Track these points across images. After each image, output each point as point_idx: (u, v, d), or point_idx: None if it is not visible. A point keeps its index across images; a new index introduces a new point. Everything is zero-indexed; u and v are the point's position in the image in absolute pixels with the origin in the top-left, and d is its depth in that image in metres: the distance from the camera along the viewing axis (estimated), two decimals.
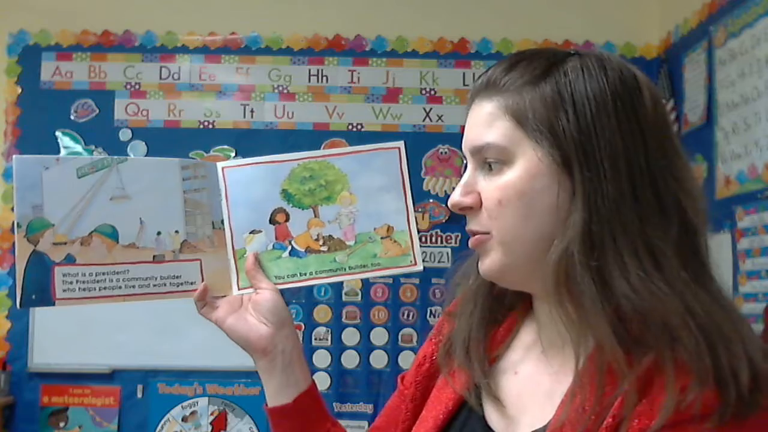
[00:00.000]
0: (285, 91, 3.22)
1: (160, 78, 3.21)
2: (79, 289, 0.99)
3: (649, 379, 0.70)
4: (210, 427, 3.07)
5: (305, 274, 1.04)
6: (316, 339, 3.12)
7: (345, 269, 1.04)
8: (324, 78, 3.23)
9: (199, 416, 3.08)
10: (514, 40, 3.23)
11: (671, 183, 0.76)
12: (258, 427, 3.06)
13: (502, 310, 0.89)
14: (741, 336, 0.71)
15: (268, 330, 0.99)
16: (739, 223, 2.48)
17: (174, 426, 3.08)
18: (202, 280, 1.03)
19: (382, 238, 1.03)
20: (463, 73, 3.23)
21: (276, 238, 1.04)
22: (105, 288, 1.00)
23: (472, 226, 0.81)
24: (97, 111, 3.18)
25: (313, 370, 3.09)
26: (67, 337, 3.00)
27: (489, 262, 0.80)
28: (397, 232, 1.03)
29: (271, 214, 1.04)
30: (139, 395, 3.08)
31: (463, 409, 0.86)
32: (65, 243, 0.99)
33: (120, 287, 1.01)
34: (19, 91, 3.17)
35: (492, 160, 0.79)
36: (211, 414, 3.08)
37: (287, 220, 1.04)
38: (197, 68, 3.22)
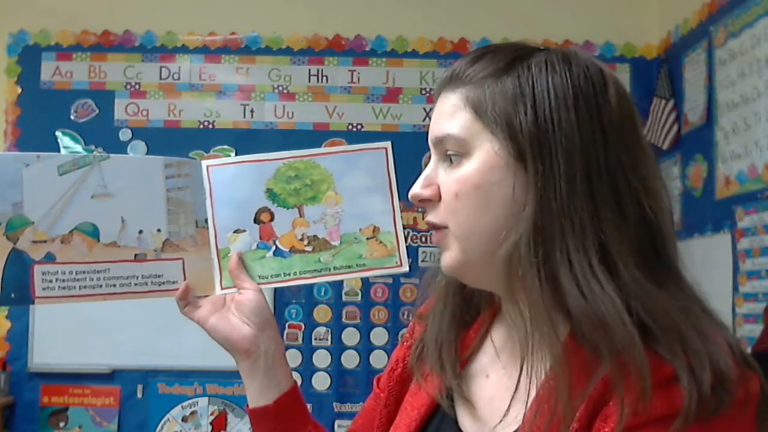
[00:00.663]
0: (285, 91, 3.22)
1: (160, 78, 3.21)
2: (59, 287, 0.98)
3: (616, 380, 0.69)
4: (210, 427, 3.07)
5: (289, 274, 1.02)
6: (316, 339, 3.12)
7: (330, 269, 1.03)
8: (324, 78, 3.23)
9: (199, 416, 3.08)
10: (514, 40, 3.22)
11: (633, 181, 0.74)
12: None
13: (471, 312, 0.88)
14: (703, 336, 0.69)
15: (250, 330, 0.98)
16: (739, 223, 2.48)
17: (174, 426, 3.08)
18: (185, 280, 1.02)
19: (367, 238, 1.02)
20: None
21: (260, 238, 1.03)
22: (85, 287, 0.99)
23: (430, 218, 0.81)
24: (97, 111, 3.18)
25: (313, 370, 3.09)
26: (67, 337, 3.00)
27: (447, 258, 0.80)
28: (383, 233, 1.02)
29: (256, 214, 1.03)
30: (139, 395, 3.08)
31: (436, 415, 0.86)
32: (45, 241, 0.98)
33: (101, 286, 0.99)
34: (19, 91, 3.17)
35: (452, 152, 0.78)
36: (211, 414, 3.08)
37: (272, 219, 1.03)
38: (197, 68, 3.22)
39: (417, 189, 0.81)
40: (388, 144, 1.04)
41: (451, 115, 0.79)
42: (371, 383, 1.01)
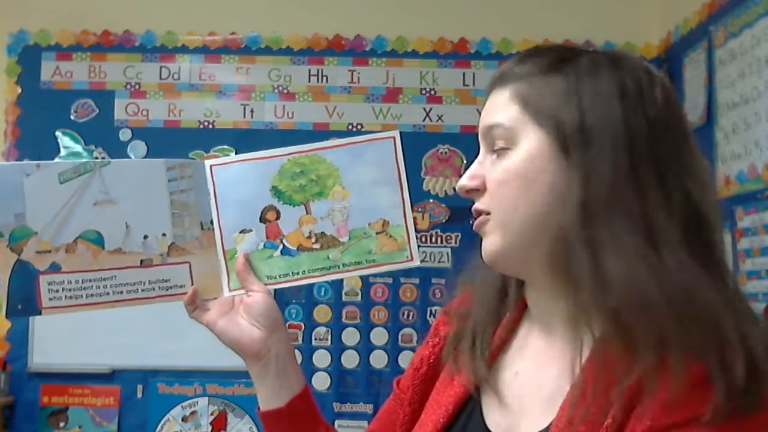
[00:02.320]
0: (285, 91, 3.22)
1: (160, 78, 3.21)
2: (66, 297, 0.98)
3: (650, 378, 0.69)
4: (210, 427, 3.07)
5: (297, 273, 1.01)
6: (316, 339, 3.12)
7: (339, 267, 1.01)
8: (324, 78, 3.23)
9: (199, 416, 3.08)
10: (514, 40, 3.23)
11: (680, 172, 0.76)
12: (258, 427, 3.05)
13: (503, 309, 0.89)
14: (741, 330, 0.69)
15: (260, 333, 0.98)
16: (739, 223, 2.48)
17: (174, 426, 3.08)
18: (192, 283, 1.01)
19: (377, 233, 1.00)
20: (463, 73, 3.23)
21: (267, 237, 1.01)
22: (92, 295, 0.98)
23: (476, 205, 0.83)
24: (97, 111, 3.18)
25: (313, 370, 3.09)
26: (67, 337, 3.00)
27: (488, 244, 0.81)
28: (393, 227, 1.00)
29: (262, 213, 1.02)
30: (139, 395, 3.08)
31: (463, 412, 0.86)
32: (49, 251, 0.97)
33: (108, 293, 0.99)
34: (19, 91, 3.17)
35: (500, 143, 0.81)
36: (211, 414, 3.08)
37: (278, 218, 1.01)
38: (197, 68, 3.22)
39: (464, 181, 0.83)
40: (395, 133, 1.01)
41: (500, 109, 0.82)
42: (371, 383, 1.00)
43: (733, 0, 2.57)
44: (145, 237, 1.00)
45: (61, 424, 3.06)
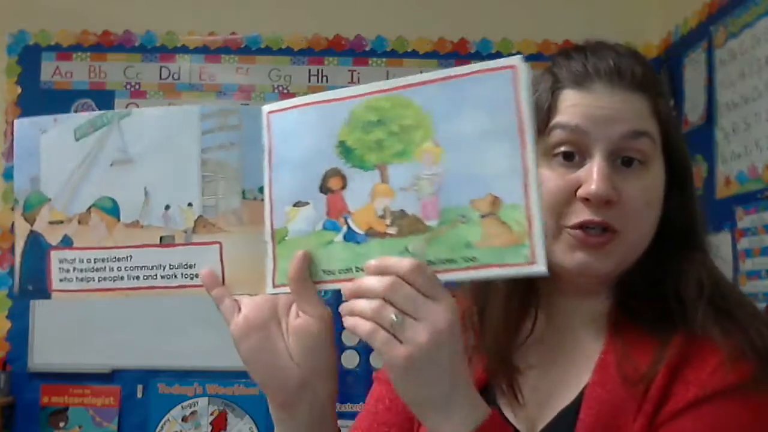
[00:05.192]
0: (285, 91, 3.22)
1: (160, 78, 3.21)
2: (77, 279, 0.80)
3: (683, 354, 0.74)
4: (210, 427, 3.07)
5: (362, 269, 0.70)
6: None
7: None
8: (324, 78, 3.23)
9: (199, 416, 3.08)
10: (514, 40, 3.23)
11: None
12: (258, 427, 3.06)
13: (521, 308, 0.88)
14: (758, 312, 0.79)
15: (299, 375, 0.74)
16: (739, 223, 2.48)
17: (174, 426, 3.08)
18: (222, 271, 0.76)
19: (482, 216, 0.66)
20: None
21: (328, 214, 0.72)
22: (105, 279, 0.80)
23: (609, 220, 0.77)
24: (97, 111, 3.18)
25: None
26: (67, 337, 3.00)
27: (603, 265, 0.79)
28: (507, 207, 0.65)
29: (323, 179, 0.73)
30: (139, 395, 3.08)
31: None
32: (62, 221, 0.81)
33: (122, 278, 0.79)
34: (19, 91, 3.17)
35: (638, 155, 0.78)
36: (211, 414, 3.08)
37: (344, 186, 0.72)
38: (197, 68, 3.22)
39: (608, 190, 0.75)
40: (517, 60, 0.66)
41: (645, 117, 0.79)
42: (371, 383, 0.94)
43: (733, 0, 2.57)
44: (167, 207, 0.78)
45: (61, 424, 3.06)
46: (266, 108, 0.77)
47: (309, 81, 3.22)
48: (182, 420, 3.08)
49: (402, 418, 0.88)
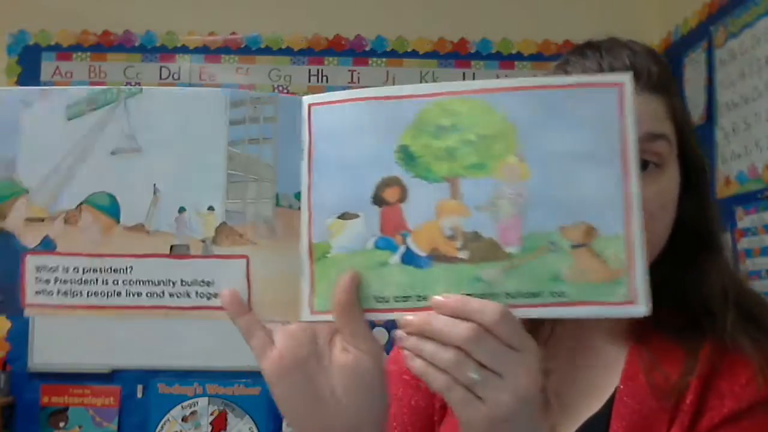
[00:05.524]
0: (285, 91, 3.22)
1: (160, 78, 3.21)
2: (59, 292, 0.66)
3: (714, 363, 0.73)
4: (210, 427, 3.07)
5: (424, 299, 0.60)
6: None
7: (499, 296, 0.60)
8: (324, 78, 3.23)
9: (199, 416, 3.08)
10: (514, 40, 3.23)
11: None
12: (258, 427, 3.06)
13: None
14: None
15: (344, 421, 0.62)
16: (739, 223, 2.48)
17: (174, 426, 3.08)
18: (249, 291, 0.64)
19: (573, 246, 0.59)
20: (463, 73, 3.22)
21: (381, 230, 0.63)
22: (96, 293, 0.65)
23: None
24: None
25: None
26: (67, 337, 3.00)
27: None
28: (604, 239, 0.59)
29: (377, 188, 0.63)
30: (139, 395, 3.08)
31: None
32: (43, 219, 0.66)
33: (118, 293, 0.65)
34: None
35: (654, 158, 0.76)
36: (211, 414, 3.08)
37: (403, 198, 0.63)
38: (197, 68, 3.22)
39: None
40: (627, 77, 0.61)
41: (660, 119, 0.78)
42: None
43: (733, 0, 2.57)
44: (181, 210, 0.66)
45: (61, 424, 3.06)
46: (307, 99, 0.66)
47: (309, 81, 3.22)
48: (182, 420, 3.08)
49: (422, 419, 0.86)
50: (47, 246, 0.66)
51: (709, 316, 0.75)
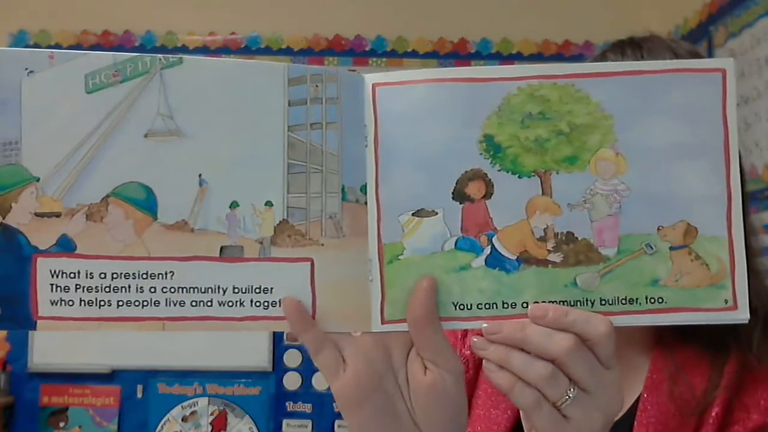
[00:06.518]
0: None
1: None
2: (81, 301, 0.55)
3: (740, 377, 0.72)
4: (210, 427, 3.07)
5: (511, 305, 0.55)
6: None
7: (593, 303, 0.55)
8: None
9: (199, 416, 3.08)
10: (514, 40, 3.23)
11: None
12: (258, 427, 3.06)
13: None
14: None
15: None
16: None
17: (174, 426, 3.08)
18: (313, 298, 0.56)
19: (672, 248, 0.56)
20: None
21: (463, 229, 0.57)
22: (128, 303, 0.55)
23: None
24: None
25: (313, 370, 3.09)
26: (67, 337, 3.00)
27: None
28: (705, 240, 0.55)
29: (458, 182, 0.57)
30: (139, 395, 3.08)
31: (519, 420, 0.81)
32: (58, 214, 0.55)
33: (156, 303, 0.55)
34: None
35: None
36: (211, 414, 3.08)
37: (488, 194, 0.57)
38: None
39: None
40: (730, 63, 0.56)
41: None
42: None
43: (733, 0, 2.57)
44: (233, 205, 0.56)
45: (61, 424, 3.06)
46: (370, 78, 0.57)
47: None
48: (182, 420, 3.08)
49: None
50: (65, 247, 0.55)
51: (734, 329, 0.73)
